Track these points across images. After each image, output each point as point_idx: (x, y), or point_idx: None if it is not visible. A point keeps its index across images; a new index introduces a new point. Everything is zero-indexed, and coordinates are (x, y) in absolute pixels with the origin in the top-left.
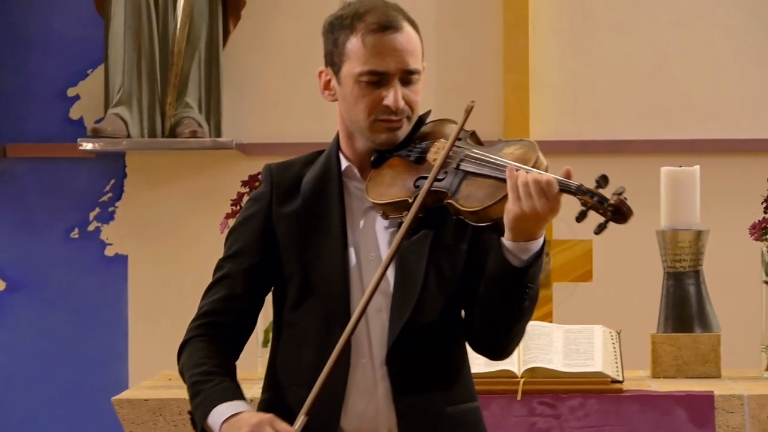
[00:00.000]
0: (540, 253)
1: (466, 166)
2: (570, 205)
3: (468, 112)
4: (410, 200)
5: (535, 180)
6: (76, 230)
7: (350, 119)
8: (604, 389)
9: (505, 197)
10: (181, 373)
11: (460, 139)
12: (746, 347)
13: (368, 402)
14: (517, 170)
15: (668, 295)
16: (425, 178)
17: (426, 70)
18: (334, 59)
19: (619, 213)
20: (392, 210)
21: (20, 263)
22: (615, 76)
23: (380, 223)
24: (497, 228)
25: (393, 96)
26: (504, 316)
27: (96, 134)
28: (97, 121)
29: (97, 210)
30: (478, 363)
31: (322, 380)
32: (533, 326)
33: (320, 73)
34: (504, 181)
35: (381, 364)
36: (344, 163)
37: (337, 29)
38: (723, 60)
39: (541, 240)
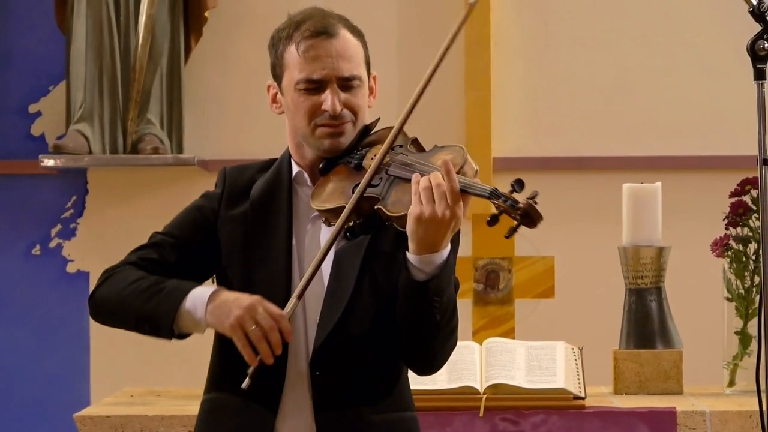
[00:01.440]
0: (444, 266)
1: (396, 172)
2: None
3: (470, 8)
4: (345, 206)
5: (437, 184)
6: (38, 247)
7: (294, 128)
8: (567, 405)
9: None
10: (117, 293)
11: (401, 146)
12: (708, 363)
13: (301, 413)
14: (422, 175)
15: (630, 311)
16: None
17: (377, 79)
18: (276, 71)
19: (528, 217)
20: (333, 216)
21: None
22: (577, 93)
23: (325, 231)
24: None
25: (330, 101)
26: (418, 332)
27: (57, 150)
28: (59, 138)
29: (59, 226)
30: (441, 379)
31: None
32: (496, 342)
33: (268, 87)
34: None
35: (304, 373)
36: (295, 169)
37: (277, 42)
38: (685, 77)
39: (444, 252)
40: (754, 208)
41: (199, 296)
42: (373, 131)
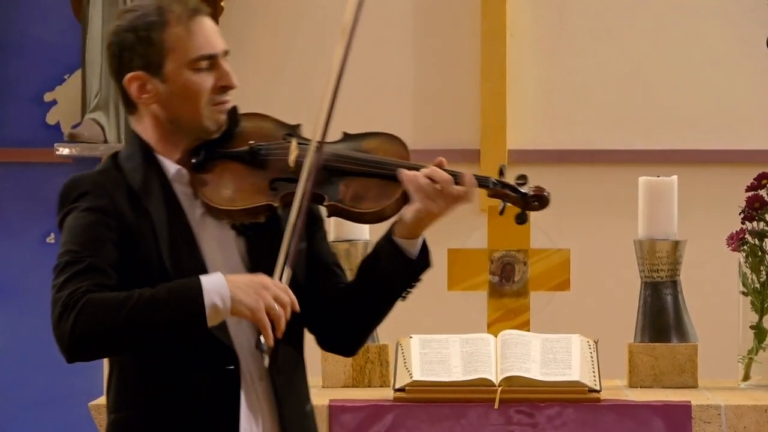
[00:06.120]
0: (424, 242)
1: (340, 166)
2: (546, 215)
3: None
4: (274, 204)
5: (446, 180)
6: (52, 235)
7: (181, 114)
8: (582, 398)
9: (401, 196)
10: (114, 319)
11: (289, 135)
12: (723, 357)
13: (261, 414)
14: (410, 169)
15: (645, 304)
16: (282, 180)
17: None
18: (149, 58)
19: (542, 200)
20: (247, 215)
21: None
22: (592, 86)
23: (219, 229)
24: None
25: (229, 75)
26: (382, 313)
27: (73, 139)
28: (74, 126)
29: None
30: (456, 371)
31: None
32: (511, 335)
33: (129, 81)
34: (392, 179)
35: (259, 378)
36: (173, 167)
37: (143, 30)
38: (701, 70)
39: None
40: None
41: (217, 279)
42: (242, 115)
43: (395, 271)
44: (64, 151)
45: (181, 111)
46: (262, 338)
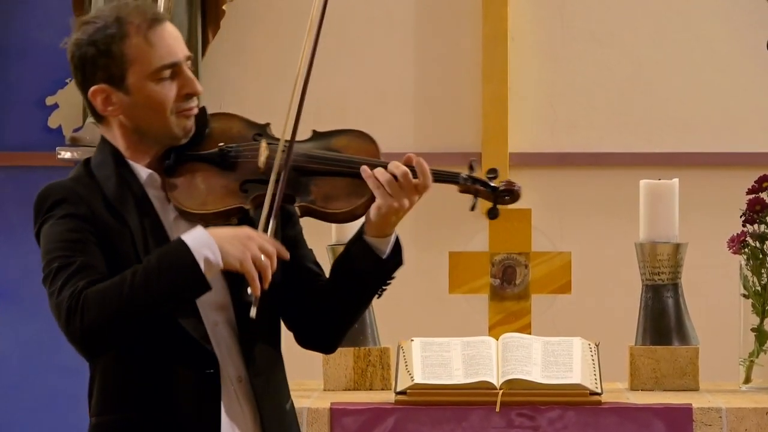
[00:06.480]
0: (397, 239)
1: (309, 166)
2: (548, 218)
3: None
4: (245, 206)
5: (403, 173)
6: None
7: (148, 124)
8: (583, 401)
9: (373, 194)
10: (116, 305)
11: (259, 135)
12: (724, 360)
13: (242, 414)
14: (373, 167)
15: (647, 307)
16: (253, 181)
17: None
18: (111, 71)
19: (513, 193)
20: (219, 218)
21: None
22: (594, 89)
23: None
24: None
25: (193, 82)
26: (359, 311)
27: (74, 143)
28: (76, 130)
29: None
30: (457, 374)
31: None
32: (512, 338)
33: (93, 94)
34: (361, 177)
35: (238, 380)
36: (144, 172)
37: (102, 42)
38: (702, 73)
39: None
40: None
41: (199, 234)
42: (211, 115)
43: (367, 270)
44: (65, 154)
45: (147, 121)
46: (249, 290)
